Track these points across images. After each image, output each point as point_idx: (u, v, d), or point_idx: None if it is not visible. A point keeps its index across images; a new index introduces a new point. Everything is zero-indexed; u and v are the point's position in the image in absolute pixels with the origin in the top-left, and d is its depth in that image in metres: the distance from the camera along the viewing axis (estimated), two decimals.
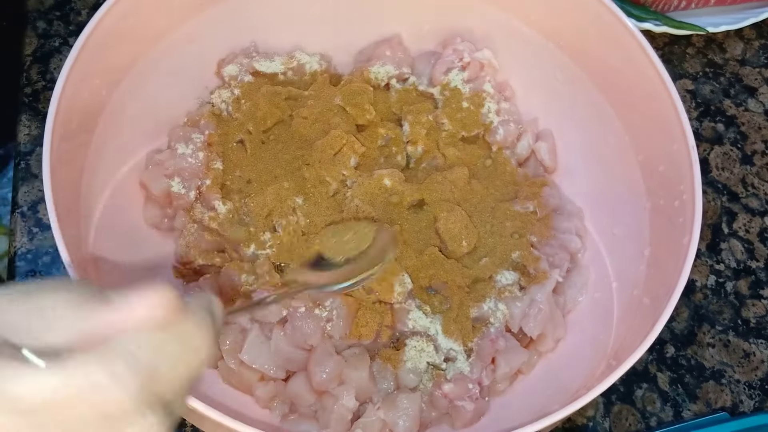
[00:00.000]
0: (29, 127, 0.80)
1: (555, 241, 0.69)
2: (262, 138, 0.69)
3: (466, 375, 0.62)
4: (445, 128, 0.72)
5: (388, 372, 0.62)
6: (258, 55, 0.73)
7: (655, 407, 0.71)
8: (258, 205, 0.65)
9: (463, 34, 0.76)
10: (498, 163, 0.72)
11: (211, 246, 0.66)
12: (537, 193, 0.70)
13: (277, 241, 0.64)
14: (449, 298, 0.63)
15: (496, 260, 0.66)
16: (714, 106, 0.89)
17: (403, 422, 0.59)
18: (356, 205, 0.65)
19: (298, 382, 0.61)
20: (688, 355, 0.74)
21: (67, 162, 0.59)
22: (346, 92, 0.70)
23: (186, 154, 0.67)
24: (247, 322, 0.63)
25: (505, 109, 0.73)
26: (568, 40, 0.71)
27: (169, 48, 0.69)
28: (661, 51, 0.92)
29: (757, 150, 0.87)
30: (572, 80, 0.72)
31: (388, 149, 0.70)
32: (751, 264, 0.80)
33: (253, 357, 0.61)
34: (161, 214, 0.68)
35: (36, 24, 0.87)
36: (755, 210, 0.83)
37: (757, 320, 0.77)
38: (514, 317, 0.64)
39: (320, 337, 0.60)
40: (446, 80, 0.73)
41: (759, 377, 0.74)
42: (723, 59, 0.92)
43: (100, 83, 0.63)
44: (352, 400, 0.59)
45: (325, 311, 0.61)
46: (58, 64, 0.84)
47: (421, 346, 0.62)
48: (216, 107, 0.71)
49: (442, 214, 0.65)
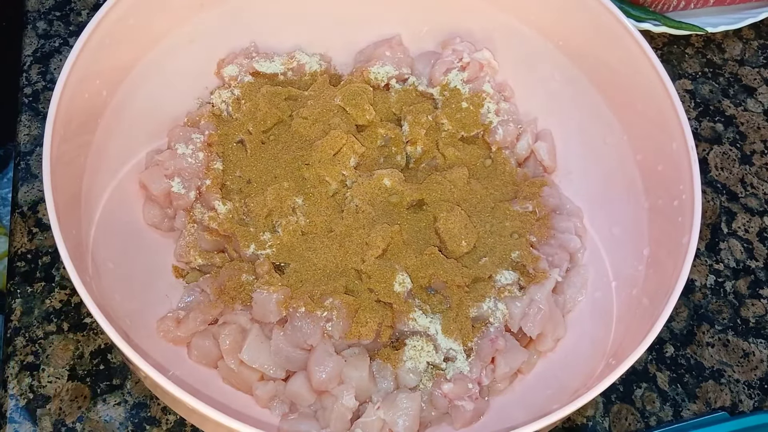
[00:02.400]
0: (29, 128, 0.81)
1: (554, 241, 0.69)
2: (262, 138, 0.69)
3: (466, 375, 0.62)
4: (444, 128, 0.72)
5: (388, 371, 0.62)
6: (258, 56, 0.73)
7: (655, 407, 0.71)
8: (258, 205, 0.65)
9: (462, 35, 0.76)
10: (497, 163, 0.72)
11: (211, 246, 0.66)
12: (536, 193, 0.70)
13: (277, 241, 0.64)
14: (449, 297, 0.63)
15: (495, 260, 0.66)
16: (713, 106, 0.90)
17: (402, 422, 0.59)
18: (356, 205, 0.65)
19: (298, 382, 0.61)
20: (688, 355, 0.74)
21: (67, 162, 0.59)
22: (346, 92, 0.70)
23: (186, 155, 0.67)
24: (247, 322, 0.63)
25: (504, 109, 0.74)
26: (567, 41, 0.71)
27: (169, 48, 0.69)
28: (660, 51, 0.92)
29: (756, 150, 0.87)
30: (571, 80, 0.72)
31: (388, 149, 0.71)
32: (750, 264, 0.80)
33: (253, 357, 0.61)
34: (161, 214, 0.68)
35: (36, 24, 0.87)
36: (754, 210, 0.83)
37: (757, 320, 0.77)
38: (513, 317, 0.64)
39: (320, 337, 0.60)
40: (446, 80, 0.73)
41: (758, 377, 0.74)
42: (722, 59, 0.93)
43: (100, 84, 0.63)
44: (352, 400, 0.59)
45: (325, 311, 0.61)
46: (58, 65, 0.84)
47: (421, 346, 0.62)
48: (216, 107, 0.72)
49: (441, 214, 0.65)
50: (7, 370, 0.68)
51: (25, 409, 0.66)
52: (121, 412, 0.67)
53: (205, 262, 0.66)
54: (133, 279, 0.64)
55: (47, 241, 0.74)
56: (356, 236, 0.64)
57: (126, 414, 0.67)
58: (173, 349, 0.63)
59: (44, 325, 0.70)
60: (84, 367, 0.68)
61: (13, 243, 0.74)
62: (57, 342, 0.69)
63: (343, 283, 0.62)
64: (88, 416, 0.66)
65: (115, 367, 0.68)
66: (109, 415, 0.66)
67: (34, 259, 0.73)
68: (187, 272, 0.68)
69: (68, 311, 0.71)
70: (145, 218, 0.68)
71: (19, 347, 0.69)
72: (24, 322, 0.70)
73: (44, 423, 0.66)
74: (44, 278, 0.72)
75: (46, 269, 0.73)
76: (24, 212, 0.76)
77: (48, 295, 0.71)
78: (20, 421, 0.66)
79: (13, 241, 0.74)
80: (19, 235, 0.74)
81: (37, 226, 0.75)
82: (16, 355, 0.68)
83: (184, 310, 0.64)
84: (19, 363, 0.68)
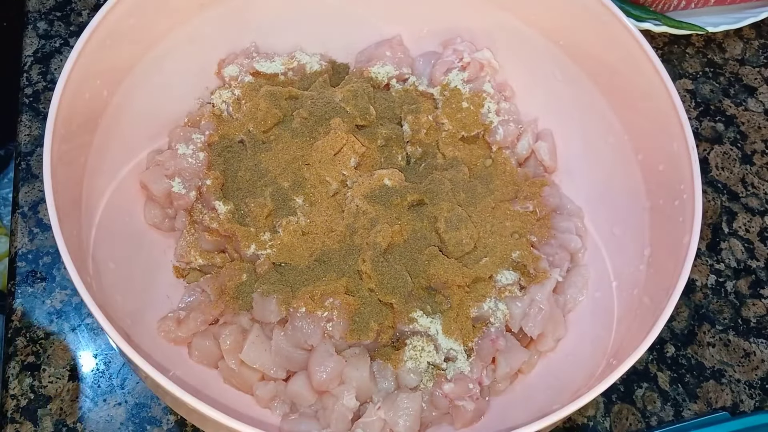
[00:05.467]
0: (30, 128, 0.81)
1: (555, 241, 0.69)
2: (262, 138, 0.69)
3: (467, 375, 0.62)
4: (445, 128, 0.72)
5: (389, 372, 0.62)
6: (258, 56, 0.73)
7: (656, 407, 0.71)
8: (258, 205, 0.65)
9: (463, 35, 0.76)
10: (498, 163, 0.72)
11: (211, 246, 0.66)
12: (537, 193, 0.70)
13: (277, 241, 0.64)
14: (449, 297, 0.63)
15: (496, 260, 0.66)
16: (713, 106, 0.89)
17: (403, 422, 0.59)
18: (356, 205, 0.65)
19: (299, 382, 0.61)
20: (689, 355, 0.74)
21: (68, 162, 0.59)
22: (346, 92, 0.70)
23: (186, 155, 0.67)
24: (248, 322, 0.63)
25: (504, 109, 0.74)
26: (567, 40, 0.71)
27: (169, 48, 0.69)
28: (661, 51, 0.92)
29: (756, 149, 0.87)
30: (572, 80, 0.72)
31: (388, 149, 0.71)
32: (751, 263, 0.80)
33: (254, 357, 0.61)
34: (162, 214, 0.68)
35: (37, 24, 0.87)
36: (755, 209, 0.83)
37: (758, 320, 0.77)
38: (514, 317, 0.64)
39: (320, 337, 0.60)
40: (446, 80, 0.73)
41: (759, 377, 0.74)
42: (722, 59, 0.93)
43: (100, 84, 0.63)
44: (353, 400, 0.59)
45: (326, 311, 0.61)
46: (58, 65, 0.85)
47: (422, 346, 0.62)
48: (216, 107, 0.72)
49: (442, 214, 0.65)
50: (8, 371, 0.68)
51: (25, 409, 0.66)
52: (122, 413, 0.67)
53: (205, 262, 0.66)
54: (133, 279, 0.64)
55: (48, 242, 0.74)
56: (357, 236, 0.64)
57: (126, 414, 0.67)
58: (174, 349, 0.63)
59: (45, 325, 0.70)
60: (85, 368, 0.69)
61: (14, 243, 0.74)
62: (58, 342, 0.69)
63: (344, 284, 0.62)
64: (89, 416, 0.66)
65: (115, 367, 0.69)
66: (109, 415, 0.66)
67: (34, 259, 0.73)
68: (187, 272, 0.68)
69: (69, 311, 0.71)
70: (145, 218, 0.68)
71: (20, 347, 0.69)
72: (25, 323, 0.70)
73: (45, 423, 0.66)
74: (45, 278, 0.72)
75: (47, 269, 0.73)
76: (25, 212, 0.76)
77: (49, 296, 0.71)
78: (21, 421, 0.66)
79: (13, 242, 0.74)
80: (19, 235, 0.74)
81: (38, 226, 0.75)
82: (16, 356, 0.68)
83: (185, 310, 0.64)
84: (19, 363, 0.68)
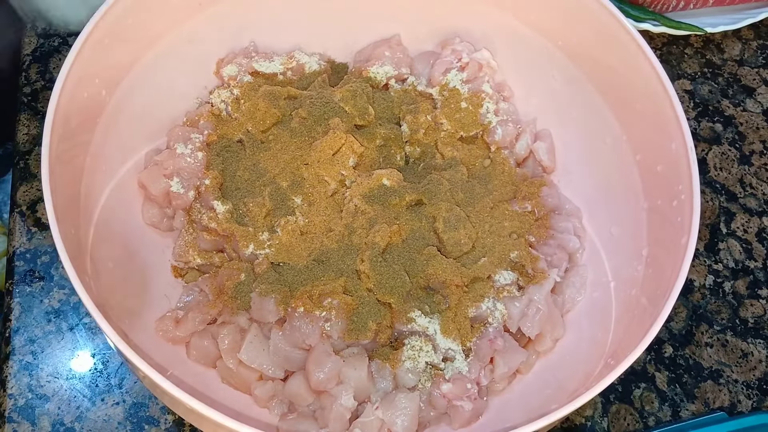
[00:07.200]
0: (28, 127, 0.80)
1: (553, 241, 0.69)
2: (261, 138, 0.69)
3: (465, 375, 0.62)
4: (443, 128, 0.72)
5: (387, 371, 0.62)
6: (257, 55, 0.73)
7: (654, 407, 0.72)
8: (257, 205, 0.65)
9: (461, 35, 0.76)
10: (496, 163, 0.72)
11: (210, 246, 0.66)
12: (535, 193, 0.70)
13: (275, 241, 0.64)
14: (448, 297, 0.63)
15: (494, 260, 0.66)
16: (712, 107, 0.90)
17: (401, 422, 0.59)
18: (355, 204, 0.65)
19: (297, 382, 0.61)
20: (686, 355, 0.74)
21: (66, 162, 0.59)
22: (345, 92, 0.70)
23: (185, 154, 0.67)
24: (246, 321, 0.63)
25: (503, 109, 0.74)
26: (566, 41, 0.71)
27: (168, 48, 0.69)
28: (660, 51, 0.92)
29: (755, 150, 0.87)
30: (570, 80, 0.72)
31: (387, 149, 0.71)
32: (749, 264, 0.80)
33: (252, 357, 0.61)
34: (160, 213, 0.68)
35: (35, 24, 0.87)
36: (753, 210, 0.83)
37: (755, 320, 0.77)
38: (512, 317, 0.64)
39: (319, 337, 0.60)
40: (445, 80, 0.73)
41: (757, 377, 0.74)
42: (721, 59, 0.93)
43: (99, 83, 0.63)
44: (351, 400, 0.59)
45: (324, 311, 0.61)
46: (57, 64, 0.84)
47: (420, 346, 0.62)
48: (215, 107, 0.72)
49: (440, 214, 0.65)
50: (6, 370, 0.68)
51: (23, 408, 0.66)
52: (120, 412, 0.67)
53: (204, 261, 0.66)
54: (131, 278, 0.64)
55: (46, 241, 0.74)
56: (355, 236, 0.64)
57: (124, 414, 0.67)
58: (172, 348, 0.63)
59: (43, 324, 0.70)
60: (83, 367, 0.68)
61: (12, 242, 0.74)
62: (56, 342, 0.69)
63: (342, 283, 0.62)
64: (87, 416, 0.66)
65: (113, 366, 0.68)
66: (107, 415, 0.66)
67: (32, 258, 0.73)
68: (186, 272, 0.68)
69: (67, 311, 0.71)
70: (144, 218, 0.68)
71: (18, 347, 0.69)
72: (23, 322, 0.70)
73: (43, 423, 0.66)
74: (43, 278, 0.72)
75: (45, 269, 0.73)
76: (23, 212, 0.75)
77: (47, 295, 0.71)
78: (19, 420, 0.66)
79: (12, 241, 0.74)
80: (17, 234, 0.74)
81: (36, 225, 0.75)
82: (14, 355, 0.68)
83: (183, 309, 0.64)
84: (17, 362, 0.68)
